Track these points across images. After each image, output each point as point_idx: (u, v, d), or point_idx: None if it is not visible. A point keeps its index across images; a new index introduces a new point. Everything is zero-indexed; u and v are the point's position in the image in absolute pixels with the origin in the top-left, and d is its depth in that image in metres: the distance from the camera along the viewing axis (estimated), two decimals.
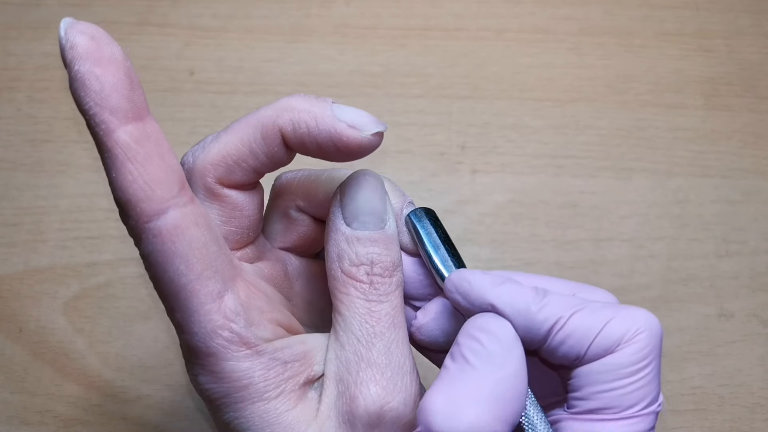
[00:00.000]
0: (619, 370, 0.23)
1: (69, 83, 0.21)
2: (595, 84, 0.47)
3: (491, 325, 0.23)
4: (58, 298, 0.40)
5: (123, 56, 0.21)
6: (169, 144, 0.22)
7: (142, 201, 0.21)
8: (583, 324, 0.23)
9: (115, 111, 0.21)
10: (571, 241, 0.42)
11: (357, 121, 0.24)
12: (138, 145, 0.21)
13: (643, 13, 0.49)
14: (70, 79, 0.21)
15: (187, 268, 0.22)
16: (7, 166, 0.43)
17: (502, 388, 0.22)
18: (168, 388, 0.38)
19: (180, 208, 0.22)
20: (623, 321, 0.23)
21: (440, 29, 0.48)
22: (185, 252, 0.22)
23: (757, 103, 0.47)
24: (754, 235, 0.43)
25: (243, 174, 0.25)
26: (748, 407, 0.38)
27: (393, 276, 0.25)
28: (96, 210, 0.42)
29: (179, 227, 0.22)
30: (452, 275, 0.25)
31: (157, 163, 0.21)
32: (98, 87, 0.20)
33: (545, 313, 0.23)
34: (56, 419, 0.37)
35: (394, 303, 0.25)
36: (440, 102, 0.46)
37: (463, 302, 0.25)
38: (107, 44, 0.21)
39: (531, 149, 0.45)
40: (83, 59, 0.20)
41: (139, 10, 0.48)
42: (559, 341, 0.23)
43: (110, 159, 0.21)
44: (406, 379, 0.25)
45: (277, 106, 0.24)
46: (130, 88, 0.21)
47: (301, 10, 0.49)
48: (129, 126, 0.21)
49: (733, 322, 0.40)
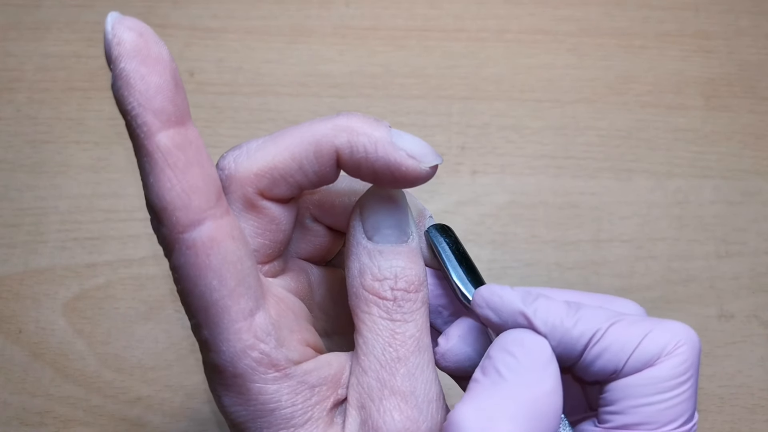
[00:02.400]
0: (659, 384, 0.22)
1: (112, 81, 0.20)
2: (595, 85, 0.47)
3: (527, 340, 0.22)
4: (58, 299, 0.40)
5: (170, 57, 0.20)
6: (207, 152, 0.21)
7: (179, 210, 0.20)
8: (621, 337, 0.22)
9: (158, 113, 0.20)
10: (571, 242, 0.42)
11: (417, 152, 0.23)
12: (179, 151, 0.20)
13: (643, 14, 0.49)
14: (114, 77, 0.20)
15: (220, 283, 0.21)
16: (6, 167, 0.43)
17: (538, 406, 0.21)
18: (168, 389, 0.38)
19: (217, 220, 0.21)
20: (663, 334, 0.22)
21: (440, 30, 0.48)
22: (219, 266, 0.21)
23: (757, 104, 0.47)
24: (754, 235, 0.43)
25: (287, 188, 0.23)
26: (748, 408, 0.38)
27: (419, 292, 0.24)
28: (96, 211, 0.42)
29: (215, 240, 0.21)
30: (482, 290, 0.24)
31: (196, 171, 0.20)
32: (143, 87, 0.20)
33: (581, 327, 0.22)
34: (56, 420, 0.37)
35: (419, 323, 0.24)
36: (440, 103, 0.46)
37: (494, 318, 0.23)
38: (155, 43, 0.20)
39: (531, 150, 0.45)
40: (130, 57, 0.20)
41: (140, 11, 0.48)
42: (595, 355, 0.22)
43: (149, 163, 0.20)
44: (432, 407, 0.23)
45: (335, 125, 0.23)
46: (174, 91, 0.20)
47: (301, 11, 0.49)
48: (171, 130, 0.20)
49: (733, 323, 0.40)
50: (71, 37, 0.47)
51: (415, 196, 0.27)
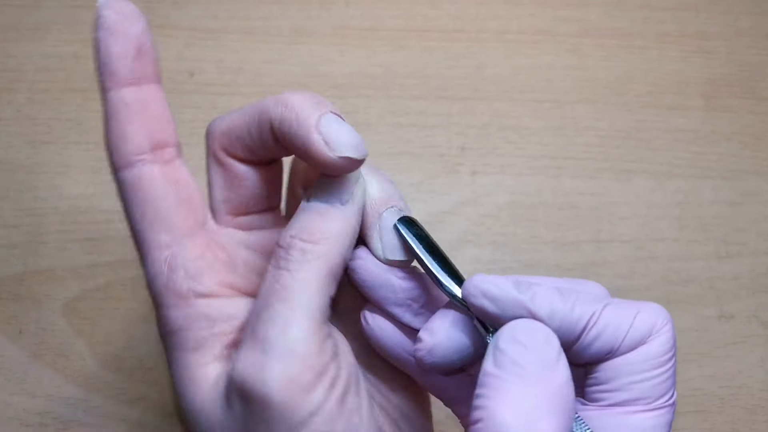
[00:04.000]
0: (653, 360, 0.23)
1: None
2: (595, 85, 0.47)
3: (538, 331, 0.22)
4: (58, 300, 0.40)
5: (140, 32, 0.25)
6: (163, 110, 0.26)
7: (113, 153, 0.25)
8: (616, 318, 0.23)
9: (112, 75, 0.25)
10: (571, 243, 0.42)
11: (334, 140, 0.23)
12: (122, 106, 0.25)
13: (643, 14, 0.49)
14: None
15: (141, 217, 0.25)
16: (6, 168, 0.43)
17: (562, 397, 0.21)
18: (169, 389, 0.38)
19: (146, 165, 0.25)
20: (650, 313, 0.24)
21: (440, 31, 0.48)
22: (141, 203, 0.25)
23: (757, 104, 0.47)
24: (754, 236, 0.43)
25: (241, 150, 0.26)
26: (748, 409, 0.38)
27: (317, 244, 0.24)
28: (96, 211, 0.42)
29: (139, 180, 0.25)
30: (474, 279, 0.23)
31: (135, 124, 0.25)
32: (105, 54, 0.25)
33: (579, 311, 0.23)
34: (56, 420, 0.37)
35: (300, 277, 0.24)
36: (440, 103, 0.46)
37: (491, 308, 0.23)
38: (128, 20, 0.25)
39: (531, 150, 0.45)
40: (102, 29, 0.25)
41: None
42: (593, 337, 0.23)
43: (103, 113, 0.25)
44: (289, 362, 0.22)
45: (278, 97, 0.25)
46: (133, 58, 0.25)
47: (301, 11, 0.49)
48: (123, 89, 0.25)
49: (733, 324, 0.40)
50: (71, 38, 0.47)
51: (393, 184, 0.27)
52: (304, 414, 0.23)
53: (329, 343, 0.24)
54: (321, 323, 0.24)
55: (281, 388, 0.22)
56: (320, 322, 0.24)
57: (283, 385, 0.22)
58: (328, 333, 0.24)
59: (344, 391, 0.24)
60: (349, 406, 0.24)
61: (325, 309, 0.24)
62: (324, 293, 0.24)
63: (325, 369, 0.23)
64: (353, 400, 0.24)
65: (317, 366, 0.23)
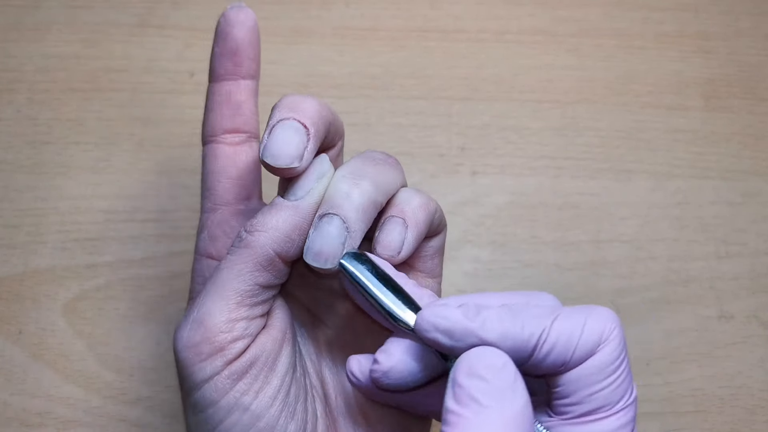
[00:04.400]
0: (606, 369, 0.24)
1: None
2: (595, 85, 0.47)
3: (491, 359, 0.23)
4: (58, 300, 0.40)
5: (241, 36, 0.30)
6: (244, 101, 0.31)
7: (202, 132, 0.31)
8: (565, 331, 0.24)
9: (211, 71, 0.30)
10: (571, 243, 0.42)
11: (265, 144, 0.26)
12: (211, 96, 0.31)
13: (642, 14, 0.49)
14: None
15: (203, 183, 0.31)
16: (6, 168, 0.43)
17: (519, 422, 0.22)
18: (168, 390, 0.38)
19: (214, 145, 0.30)
20: (597, 322, 0.24)
21: (440, 31, 0.48)
22: (204, 173, 0.30)
23: (757, 104, 0.47)
24: (754, 236, 0.43)
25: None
26: (748, 409, 0.38)
27: (250, 234, 0.26)
28: (96, 212, 0.42)
29: (207, 156, 0.30)
30: (425, 313, 0.24)
31: (215, 112, 0.30)
32: (212, 52, 0.30)
33: (529, 329, 0.24)
34: (56, 421, 0.37)
35: (226, 260, 0.26)
36: (440, 103, 0.46)
37: (444, 341, 0.24)
38: (233, 25, 0.30)
39: (531, 151, 0.45)
40: (216, 32, 0.30)
41: (139, 11, 0.48)
42: (545, 353, 0.24)
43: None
44: (194, 331, 0.26)
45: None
46: (228, 58, 0.30)
47: (301, 11, 0.49)
48: (215, 84, 0.30)
49: (733, 324, 0.40)
50: (71, 38, 0.47)
51: (373, 195, 0.27)
52: (197, 379, 0.26)
53: (240, 325, 0.26)
54: (236, 305, 0.26)
55: (182, 350, 0.26)
56: (235, 304, 0.26)
57: (184, 348, 0.26)
58: (247, 317, 0.26)
59: (242, 370, 0.26)
60: (242, 386, 0.26)
61: (244, 294, 0.26)
62: (245, 279, 0.26)
63: (226, 346, 0.26)
64: (249, 382, 0.26)
65: (218, 342, 0.26)
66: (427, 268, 0.30)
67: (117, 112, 0.45)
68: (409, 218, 0.27)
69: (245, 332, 0.26)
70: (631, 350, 0.39)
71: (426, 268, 0.30)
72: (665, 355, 0.40)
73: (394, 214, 0.27)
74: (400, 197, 0.28)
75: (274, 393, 0.26)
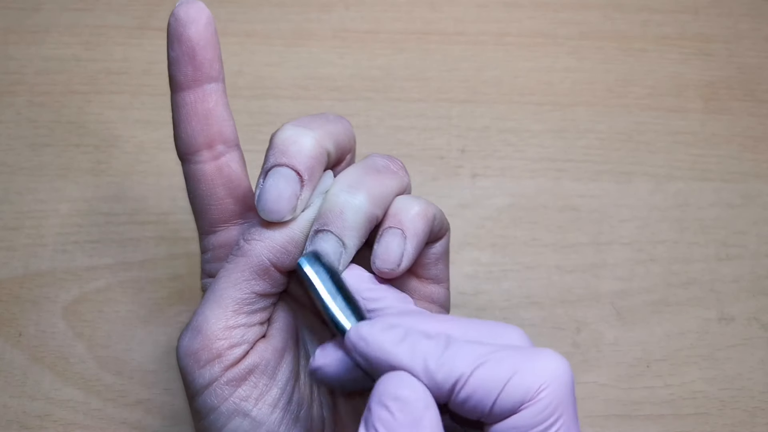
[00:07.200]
0: (529, 431, 0.22)
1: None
2: (595, 88, 0.47)
3: (400, 390, 0.22)
4: (58, 302, 0.40)
5: (193, 36, 0.27)
6: (213, 109, 0.28)
7: (176, 150, 0.28)
8: (486, 381, 0.22)
9: (170, 79, 0.28)
10: (571, 245, 0.42)
11: (259, 197, 0.26)
12: (176, 109, 0.28)
13: (642, 17, 0.49)
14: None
15: (191, 205, 0.29)
16: (7, 170, 0.43)
17: None
18: (168, 392, 0.38)
19: (191, 164, 0.28)
20: (526, 376, 0.22)
21: (440, 33, 0.48)
22: (190, 195, 0.28)
23: (757, 106, 0.47)
24: (754, 238, 0.43)
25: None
26: (749, 411, 0.38)
27: (248, 243, 0.26)
28: (96, 214, 0.42)
29: (189, 176, 0.28)
30: (350, 333, 0.24)
31: (184, 125, 0.28)
32: (168, 57, 0.28)
33: (444, 372, 0.22)
34: (56, 423, 0.37)
35: (224, 269, 0.27)
36: (440, 106, 0.46)
37: (363, 363, 0.23)
38: (183, 25, 0.27)
39: (531, 153, 0.45)
40: (168, 33, 0.27)
41: (140, 14, 0.48)
42: (462, 399, 0.22)
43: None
44: (193, 338, 0.26)
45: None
46: (186, 63, 0.27)
47: (302, 14, 0.49)
48: (178, 94, 0.28)
49: (733, 326, 0.40)
50: (71, 41, 0.47)
51: (364, 208, 0.27)
52: (198, 385, 0.26)
53: (237, 332, 0.26)
54: (233, 313, 0.26)
55: (182, 357, 0.26)
56: (232, 312, 0.26)
57: (185, 356, 0.26)
58: (244, 324, 0.26)
59: (240, 377, 0.26)
60: (242, 393, 0.26)
61: (241, 301, 0.26)
62: (241, 287, 0.26)
63: (224, 353, 0.26)
64: (248, 389, 0.26)
65: (215, 349, 0.26)
66: (432, 274, 0.29)
67: (117, 115, 0.45)
68: (408, 228, 0.26)
69: (243, 339, 0.26)
70: (631, 352, 0.39)
71: (430, 275, 0.29)
72: (665, 358, 0.39)
73: (392, 225, 0.26)
74: (397, 206, 0.27)
75: (274, 400, 0.26)
